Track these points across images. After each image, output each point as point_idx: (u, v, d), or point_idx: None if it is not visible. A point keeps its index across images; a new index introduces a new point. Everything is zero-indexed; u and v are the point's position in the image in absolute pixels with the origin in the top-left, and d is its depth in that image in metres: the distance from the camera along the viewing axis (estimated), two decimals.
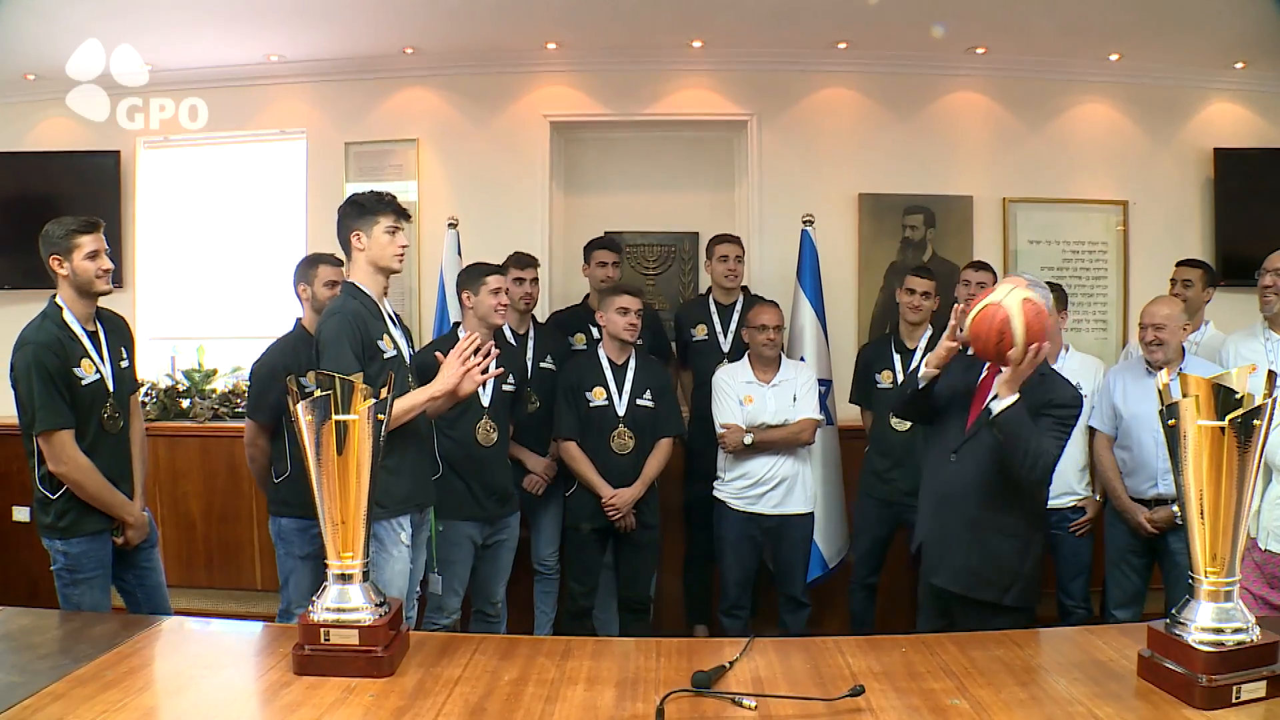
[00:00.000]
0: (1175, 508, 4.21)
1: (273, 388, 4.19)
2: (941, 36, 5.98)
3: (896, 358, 5.00)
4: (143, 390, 4.49)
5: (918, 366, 4.82)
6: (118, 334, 3.82)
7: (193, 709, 2.19)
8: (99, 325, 3.72)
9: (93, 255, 3.58)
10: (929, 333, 4.97)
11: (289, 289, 4.44)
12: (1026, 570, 3.44)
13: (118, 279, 5.86)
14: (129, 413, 3.84)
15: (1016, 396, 3.28)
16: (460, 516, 4.33)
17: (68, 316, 3.60)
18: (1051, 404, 3.38)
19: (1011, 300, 3.22)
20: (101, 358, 3.67)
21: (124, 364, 3.80)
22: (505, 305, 4.41)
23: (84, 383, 3.57)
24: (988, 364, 3.56)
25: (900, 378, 4.92)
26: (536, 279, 5.12)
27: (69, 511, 3.59)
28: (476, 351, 3.51)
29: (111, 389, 3.68)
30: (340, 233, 3.55)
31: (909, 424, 4.77)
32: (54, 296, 3.64)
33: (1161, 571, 4.48)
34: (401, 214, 3.53)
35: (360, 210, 3.48)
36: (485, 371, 3.56)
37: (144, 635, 2.64)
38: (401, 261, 3.59)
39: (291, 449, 4.21)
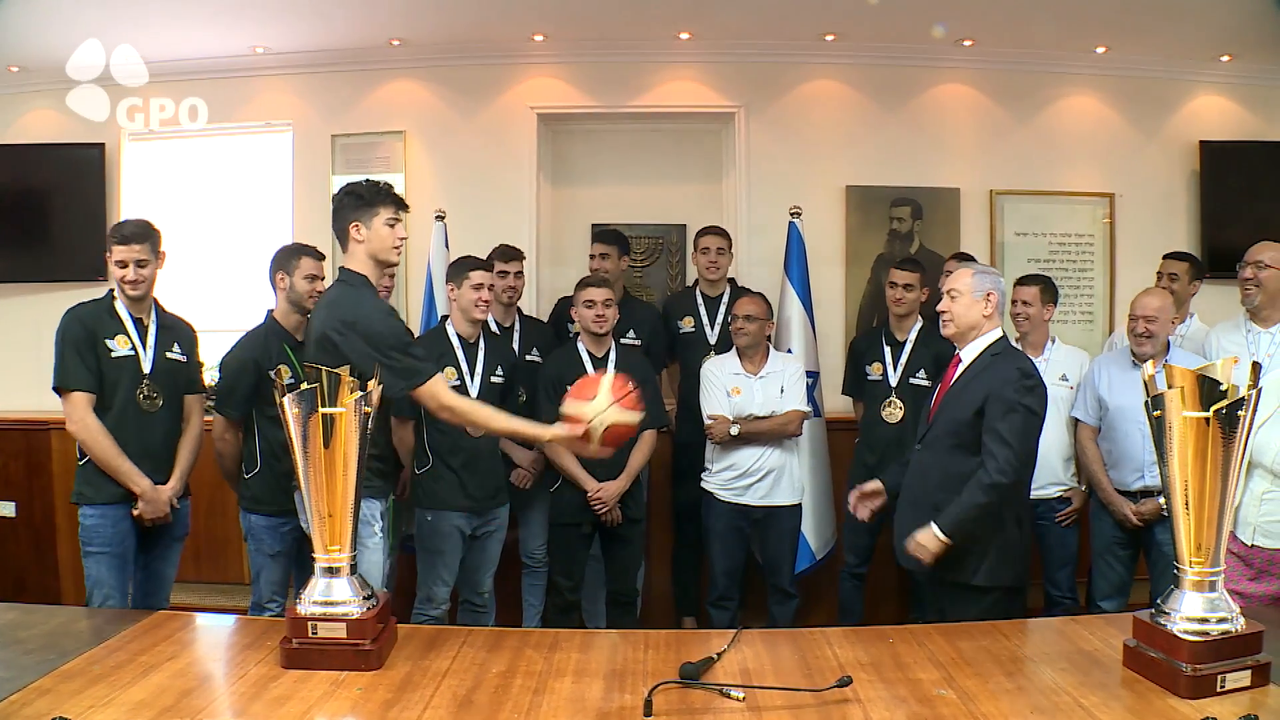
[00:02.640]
0: (1161, 500, 4.22)
1: (243, 381, 4.16)
2: (942, 35, 6.02)
3: (887, 350, 5.02)
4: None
5: (910, 360, 4.88)
6: (172, 330, 4.10)
7: (180, 703, 2.18)
8: (153, 318, 4.02)
9: (121, 264, 3.88)
10: (919, 324, 4.99)
11: (267, 278, 4.39)
12: (993, 552, 3.39)
13: (102, 272, 5.88)
14: (179, 405, 4.08)
15: (935, 529, 3.36)
16: (449, 507, 4.32)
17: (117, 304, 3.93)
18: (997, 385, 3.39)
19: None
20: (144, 342, 3.94)
21: (173, 356, 4.04)
22: (487, 301, 4.40)
23: (113, 354, 3.85)
24: (951, 360, 3.64)
25: (890, 370, 4.97)
26: (521, 272, 5.11)
27: (88, 481, 3.85)
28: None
29: (148, 370, 3.92)
30: (337, 223, 3.45)
31: (899, 416, 4.84)
32: (111, 289, 3.97)
33: (1147, 562, 4.49)
34: (401, 205, 3.47)
35: (359, 201, 3.40)
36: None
37: (131, 630, 2.64)
38: (399, 254, 3.54)
39: (261, 444, 4.19)
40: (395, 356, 3.22)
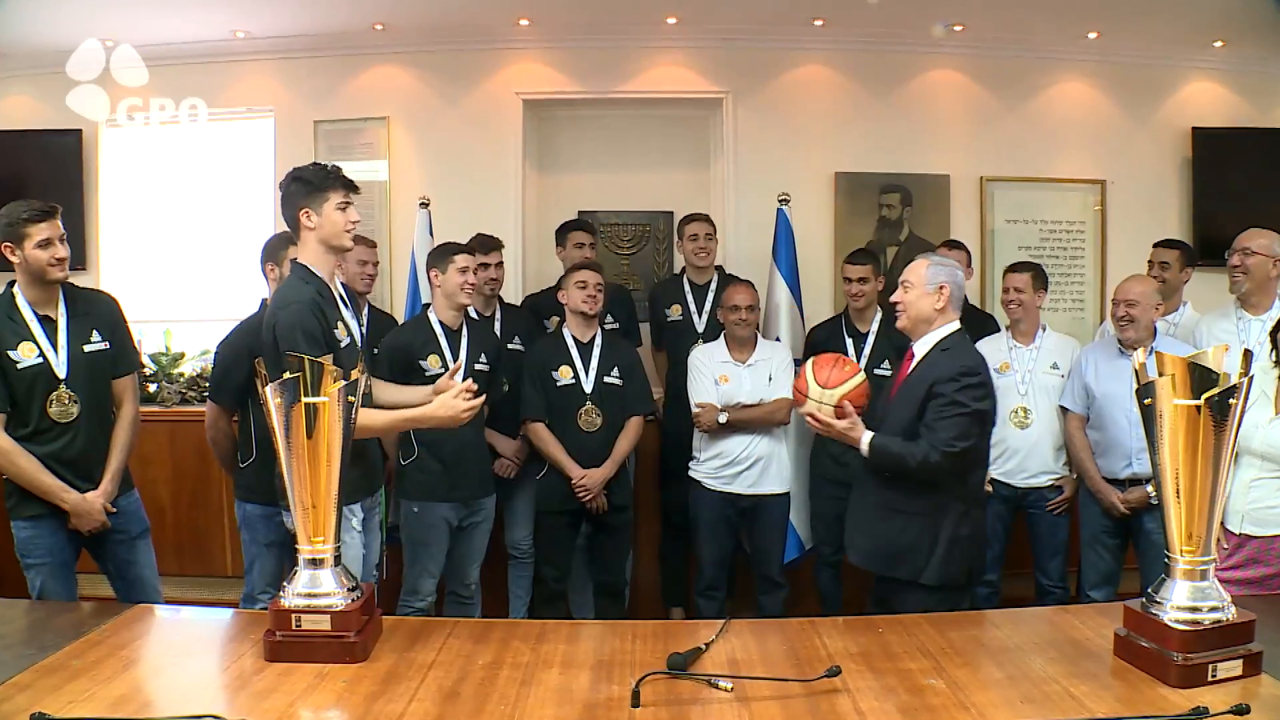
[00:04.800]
0: (1150, 487, 4.25)
1: (237, 370, 4.13)
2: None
3: (849, 341, 4.98)
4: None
5: (874, 351, 4.88)
6: (89, 317, 3.74)
7: (162, 698, 2.18)
8: (63, 309, 3.65)
9: (45, 244, 3.51)
10: (879, 315, 4.96)
11: (257, 270, 4.38)
12: (940, 550, 3.36)
13: (80, 261, 5.83)
14: (107, 397, 3.79)
15: (867, 435, 3.39)
16: (436, 498, 4.32)
17: (19, 301, 3.58)
18: (938, 382, 3.35)
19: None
20: (54, 343, 3.60)
21: (93, 346, 3.71)
22: (473, 285, 4.39)
23: (19, 366, 3.52)
24: (905, 358, 3.61)
25: (854, 359, 4.93)
26: (501, 262, 5.10)
27: (13, 493, 3.61)
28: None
29: (63, 375, 3.60)
30: (286, 211, 3.34)
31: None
32: (10, 283, 3.62)
33: (1135, 551, 4.50)
34: (350, 187, 3.33)
35: (307, 187, 3.27)
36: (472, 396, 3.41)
37: (112, 624, 2.62)
38: (352, 239, 3.41)
39: (257, 433, 4.17)
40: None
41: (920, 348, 3.51)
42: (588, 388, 4.68)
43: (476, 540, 4.52)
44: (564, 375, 4.68)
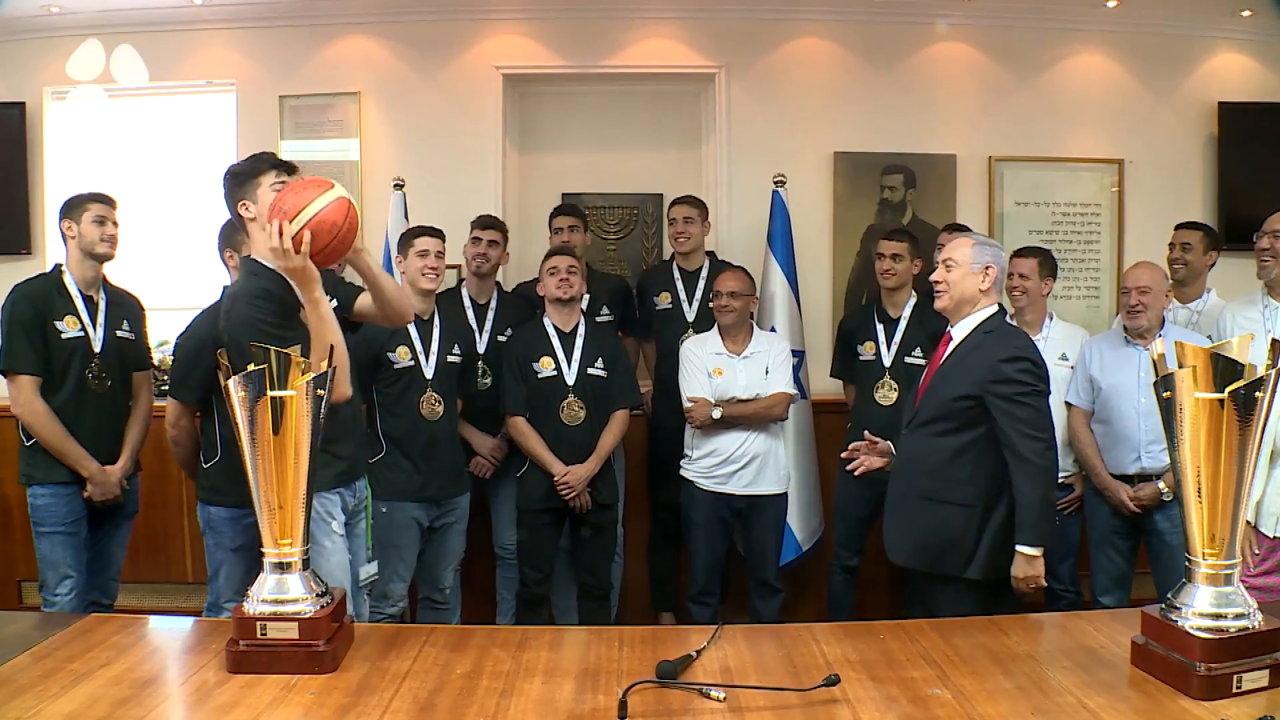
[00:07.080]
0: (1161, 483, 4.27)
1: (200, 363, 4.10)
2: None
3: (880, 328, 5.02)
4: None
5: (904, 339, 4.89)
6: (121, 306, 4.43)
7: (115, 713, 2.16)
8: (102, 294, 4.32)
9: (100, 221, 4.23)
10: (913, 300, 5.00)
11: (216, 255, 4.36)
12: (987, 542, 3.40)
13: (24, 243, 5.88)
14: (128, 382, 4.43)
15: (1021, 557, 3.32)
16: (405, 497, 4.33)
17: (66, 278, 4.23)
18: (992, 374, 3.38)
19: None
20: (94, 321, 4.25)
21: (123, 333, 4.37)
22: (434, 269, 4.41)
23: (63, 336, 4.15)
24: (941, 342, 3.63)
25: (884, 348, 4.97)
26: (496, 241, 5.10)
27: (35, 462, 4.15)
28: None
29: (98, 350, 4.23)
30: (229, 208, 3.35)
31: (893, 398, 4.84)
32: (56, 265, 4.30)
33: (1148, 553, 4.52)
34: (284, 167, 3.30)
35: (239, 178, 3.28)
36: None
37: (61, 635, 2.61)
38: None
39: (222, 430, 4.15)
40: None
41: (959, 330, 3.56)
42: (570, 380, 4.69)
43: (450, 541, 4.53)
44: (545, 366, 4.68)
